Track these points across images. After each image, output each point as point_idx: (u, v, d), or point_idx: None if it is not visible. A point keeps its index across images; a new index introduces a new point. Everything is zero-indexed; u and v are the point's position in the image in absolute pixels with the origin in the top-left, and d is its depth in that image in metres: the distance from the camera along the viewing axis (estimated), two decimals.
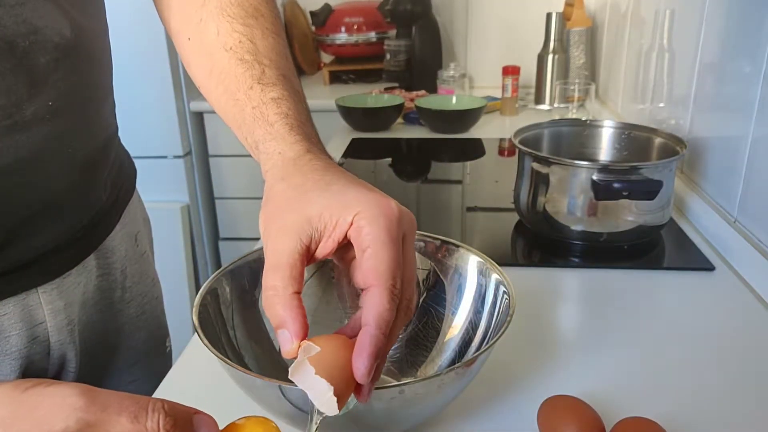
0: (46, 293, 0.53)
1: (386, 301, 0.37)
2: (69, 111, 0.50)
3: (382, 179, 1.25)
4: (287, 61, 0.54)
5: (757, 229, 0.77)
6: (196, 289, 1.85)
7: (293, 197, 0.42)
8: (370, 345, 0.36)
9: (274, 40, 0.54)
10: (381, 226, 0.39)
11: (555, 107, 1.57)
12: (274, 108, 0.48)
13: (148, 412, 0.31)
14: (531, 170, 0.86)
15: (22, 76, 0.45)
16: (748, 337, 0.65)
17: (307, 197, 0.41)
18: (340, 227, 0.40)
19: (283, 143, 0.46)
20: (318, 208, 0.40)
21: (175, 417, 0.32)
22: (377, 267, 0.38)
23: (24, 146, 0.47)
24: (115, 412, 0.31)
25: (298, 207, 0.41)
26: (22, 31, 0.45)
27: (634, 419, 0.48)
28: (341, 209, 0.40)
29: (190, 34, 0.56)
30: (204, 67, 0.55)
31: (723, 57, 0.89)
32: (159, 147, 1.84)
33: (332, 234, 0.40)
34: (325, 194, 0.41)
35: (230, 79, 0.51)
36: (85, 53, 0.52)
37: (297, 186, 0.42)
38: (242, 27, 0.53)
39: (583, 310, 0.74)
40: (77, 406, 0.31)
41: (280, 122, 0.47)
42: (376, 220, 0.39)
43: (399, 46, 1.95)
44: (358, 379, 0.37)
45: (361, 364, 0.36)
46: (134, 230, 0.66)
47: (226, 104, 0.52)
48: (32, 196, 0.50)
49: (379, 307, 0.37)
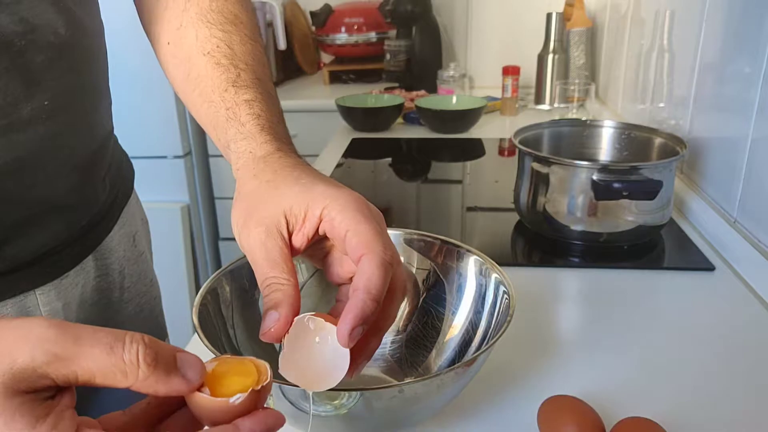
0: (44, 294, 0.53)
1: (375, 266, 0.38)
2: (65, 110, 0.50)
3: (382, 179, 1.25)
4: (263, 66, 0.55)
5: (757, 229, 0.77)
6: (196, 289, 1.85)
7: (266, 192, 0.43)
8: (355, 308, 0.36)
9: (251, 46, 0.55)
10: (352, 212, 0.40)
11: (555, 107, 1.57)
12: (246, 109, 0.49)
13: (126, 343, 0.28)
14: (531, 170, 0.86)
15: (18, 76, 0.46)
16: (748, 337, 0.65)
17: (279, 192, 0.42)
18: (310, 221, 0.41)
19: (254, 142, 0.47)
20: (289, 202, 0.41)
21: (156, 351, 0.29)
22: (363, 238, 0.39)
23: (21, 146, 0.47)
24: (88, 344, 0.28)
25: (272, 202, 0.42)
26: (18, 29, 0.45)
27: (634, 419, 0.48)
28: (309, 202, 0.41)
29: (170, 39, 0.57)
30: (182, 70, 0.56)
31: (723, 57, 0.89)
32: (159, 147, 1.84)
33: (302, 228, 0.41)
34: (294, 188, 0.42)
35: (206, 82, 0.52)
36: (80, 52, 0.52)
37: (269, 181, 0.43)
38: (221, 33, 0.54)
39: (583, 310, 0.74)
40: (45, 337, 0.28)
41: (252, 122, 0.48)
42: (344, 209, 0.40)
43: (399, 46, 1.95)
44: (341, 342, 0.37)
45: (343, 327, 0.36)
46: (132, 231, 0.66)
47: (201, 106, 0.53)
48: (30, 196, 0.50)
49: (368, 272, 0.38)
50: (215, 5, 0.56)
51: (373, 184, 1.22)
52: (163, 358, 0.29)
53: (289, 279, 0.39)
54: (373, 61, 2.09)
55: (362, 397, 0.42)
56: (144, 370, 0.29)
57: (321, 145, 1.45)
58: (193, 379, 0.30)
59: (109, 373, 0.28)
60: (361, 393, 0.41)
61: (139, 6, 0.60)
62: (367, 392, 0.42)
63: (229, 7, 0.57)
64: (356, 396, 0.41)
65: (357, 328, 0.36)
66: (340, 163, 1.29)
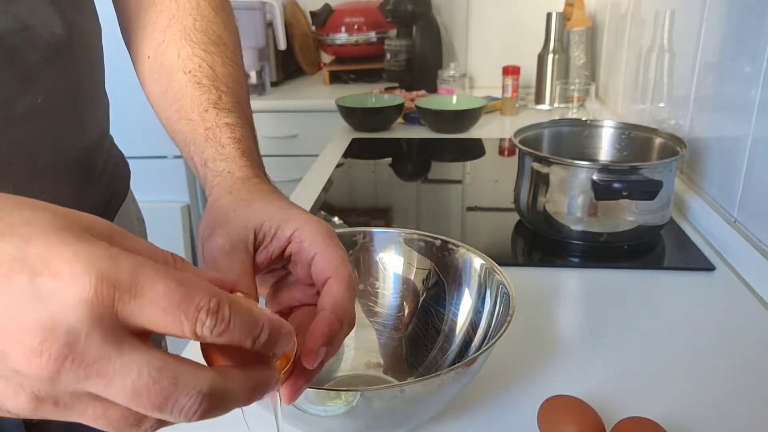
0: None
1: (344, 289, 0.38)
2: (60, 109, 0.51)
3: (382, 179, 1.25)
4: (243, 90, 0.56)
5: (757, 229, 0.77)
6: None
7: (238, 208, 0.43)
8: (322, 327, 0.36)
9: (233, 68, 0.56)
10: (321, 238, 0.40)
11: (555, 107, 1.57)
12: (227, 132, 0.50)
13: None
14: (531, 170, 0.86)
15: (12, 73, 0.46)
16: (748, 337, 0.65)
17: (252, 209, 0.42)
18: (278, 240, 0.41)
19: (233, 164, 0.48)
20: (261, 218, 0.41)
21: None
22: (330, 262, 0.39)
23: (15, 143, 0.47)
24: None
25: (242, 218, 0.42)
26: (13, 27, 0.45)
27: (634, 419, 0.48)
28: (281, 222, 0.41)
29: (151, 53, 0.57)
30: (160, 86, 0.56)
31: (723, 57, 0.89)
32: (159, 147, 1.84)
33: (269, 246, 0.41)
34: (269, 206, 0.42)
35: (186, 100, 0.53)
36: (77, 52, 0.52)
37: (243, 199, 0.44)
38: (203, 53, 0.55)
39: (582, 310, 0.74)
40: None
41: (233, 146, 0.49)
42: (314, 235, 0.40)
43: (399, 46, 1.95)
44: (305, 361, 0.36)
45: (312, 344, 0.36)
46: (129, 230, 0.66)
47: (177, 123, 0.53)
48: (24, 195, 0.50)
49: (336, 294, 0.38)
50: (199, 25, 0.56)
51: (373, 184, 1.22)
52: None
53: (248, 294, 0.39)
54: (373, 61, 2.09)
55: (362, 397, 0.42)
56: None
57: (321, 145, 1.45)
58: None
59: None
60: (361, 393, 0.41)
61: (122, 17, 0.61)
62: (367, 392, 0.42)
63: (213, 28, 0.57)
64: (356, 396, 0.41)
65: (322, 348, 0.36)
66: (340, 163, 1.29)
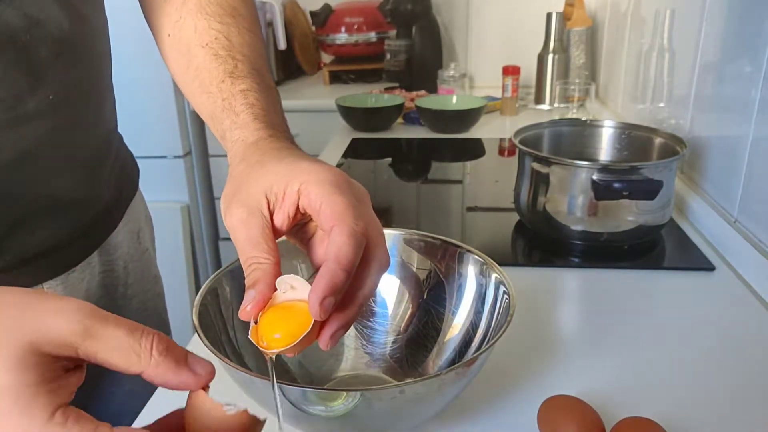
0: (51, 289, 0.54)
1: (346, 236, 0.37)
2: (70, 105, 0.51)
3: (382, 179, 1.25)
4: (261, 57, 0.56)
5: (757, 229, 0.77)
6: (196, 289, 1.85)
7: (251, 173, 0.43)
8: (324, 277, 0.36)
9: (249, 38, 0.56)
10: (328, 186, 0.39)
11: (555, 107, 1.57)
12: (241, 99, 0.50)
13: (143, 331, 0.31)
14: (531, 170, 0.86)
15: (23, 70, 0.46)
16: (748, 337, 0.65)
17: (263, 171, 0.42)
18: (289, 197, 0.40)
19: (246, 131, 0.48)
20: (270, 180, 0.41)
21: (168, 344, 0.31)
22: (335, 209, 0.38)
23: (26, 140, 0.47)
24: (113, 325, 0.30)
25: (255, 182, 0.42)
26: (22, 24, 0.45)
27: (634, 419, 0.48)
28: (289, 179, 0.40)
29: (170, 31, 0.58)
30: (181, 62, 0.56)
31: (723, 57, 0.89)
32: (159, 147, 1.84)
33: (282, 205, 0.41)
34: (278, 166, 0.42)
35: (205, 73, 0.53)
36: (84, 47, 0.52)
37: (255, 163, 0.43)
38: (219, 25, 0.55)
39: (582, 310, 0.73)
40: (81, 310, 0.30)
41: (246, 112, 0.49)
42: (321, 183, 0.40)
43: (399, 46, 1.95)
44: (312, 313, 0.36)
45: (314, 297, 0.36)
46: (136, 228, 0.67)
47: (200, 98, 0.53)
48: (35, 191, 0.50)
49: (339, 242, 0.37)
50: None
51: (373, 184, 1.22)
52: (174, 351, 0.31)
53: (268, 257, 0.39)
54: (373, 60, 2.09)
55: (362, 398, 0.42)
56: (156, 356, 0.30)
57: (321, 145, 1.45)
58: (202, 374, 0.31)
59: (125, 354, 0.30)
60: (361, 393, 0.41)
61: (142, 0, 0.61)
62: (367, 392, 0.42)
63: (228, 0, 0.57)
64: (356, 396, 0.41)
65: (328, 298, 0.36)
66: (340, 163, 1.29)
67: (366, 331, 0.59)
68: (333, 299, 0.36)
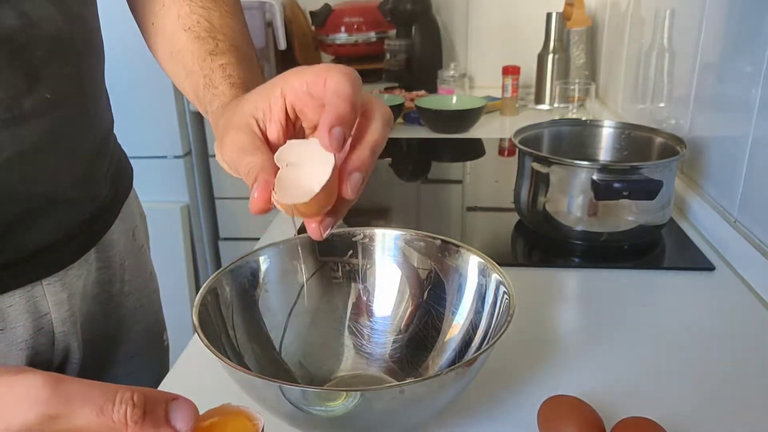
0: (50, 285, 0.54)
1: (342, 75, 0.38)
2: (67, 104, 0.51)
3: (382, 179, 1.24)
4: (243, 36, 0.57)
5: (757, 229, 0.77)
6: (196, 289, 1.85)
7: (233, 109, 0.44)
8: (329, 111, 0.37)
9: (231, 20, 0.57)
10: (308, 70, 0.40)
11: (555, 107, 1.57)
12: (220, 73, 0.51)
13: (115, 403, 0.29)
14: (531, 170, 0.86)
15: (19, 70, 0.46)
16: (748, 337, 0.65)
17: (243, 101, 0.44)
18: (275, 105, 0.42)
19: (224, 98, 0.49)
20: (252, 101, 0.43)
21: (144, 407, 0.30)
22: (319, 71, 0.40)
23: (24, 139, 0.48)
24: (78, 405, 0.29)
25: (239, 112, 0.43)
26: (18, 24, 0.46)
27: (634, 419, 0.48)
28: (269, 91, 0.42)
29: (154, 19, 0.59)
30: (166, 49, 0.58)
31: (723, 57, 0.89)
32: (159, 147, 1.84)
33: (272, 116, 0.42)
34: (257, 90, 0.44)
35: (188, 55, 0.54)
36: (80, 46, 0.53)
37: (234, 105, 0.45)
38: (201, 9, 0.57)
39: (583, 310, 0.73)
40: (39, 398, 0.29)
41: (224, 83, 0.50)
42: (299, 73, 0.41)
43: (399, 46, 1.94)
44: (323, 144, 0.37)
45: (322, 128, 0.36)
46: (132, 225, 0.68)
47: (185, 80, 0.55)
48: (33, 190, 0.51)
49: (335, 80, 0.38)
50: None
51: (373, 184, 1.21)
52: (151, 414, 0.30)
53: (261, 154, 0.40)
54: (373, 60, 2.09)
55: (362, 398, 0.42)
56: (132, 426, 0.29)
57: None
58: (182, 429, 0.31)
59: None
60: (361, 393, 0.41)
61: None
62: (367, 392, 0.42)
63: None
64: (356, 396, 0.41)
65: (336, 128, 0.36)
66: None
67: (366, 331, 0.59)
68: (341, 130, 0.37)
